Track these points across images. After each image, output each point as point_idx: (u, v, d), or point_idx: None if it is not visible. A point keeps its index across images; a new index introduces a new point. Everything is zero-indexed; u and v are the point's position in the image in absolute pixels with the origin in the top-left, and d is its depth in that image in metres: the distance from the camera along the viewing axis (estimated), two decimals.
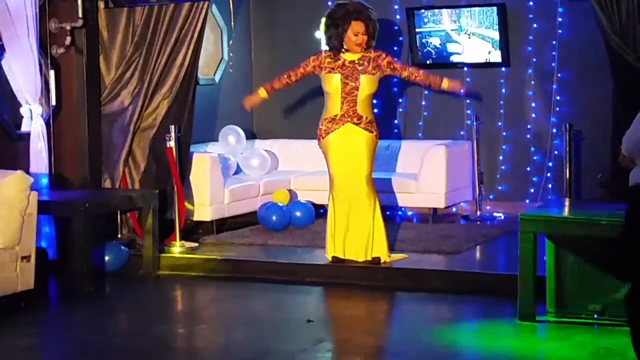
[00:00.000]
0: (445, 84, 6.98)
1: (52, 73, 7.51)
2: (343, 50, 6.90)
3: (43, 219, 7.08)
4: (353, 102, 6.85)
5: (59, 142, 7.60)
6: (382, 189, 8.63)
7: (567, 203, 6.85)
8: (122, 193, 7.60)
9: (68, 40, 7.53)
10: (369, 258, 6.87)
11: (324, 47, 7.14)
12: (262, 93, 7.21)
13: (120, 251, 7.43)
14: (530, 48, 8.95)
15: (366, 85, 6.84)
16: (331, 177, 6.94)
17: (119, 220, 7.79)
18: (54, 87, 7.53)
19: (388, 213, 9.16)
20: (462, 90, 7.42)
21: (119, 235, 7.78)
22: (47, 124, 7.46)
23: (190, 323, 6.18)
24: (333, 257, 6.98)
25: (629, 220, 4.72)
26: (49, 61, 7.48)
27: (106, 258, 7.28)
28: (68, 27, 7.51)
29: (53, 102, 7.54)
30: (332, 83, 6.89)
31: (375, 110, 8.62)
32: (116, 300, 6.89)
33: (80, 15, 7.47)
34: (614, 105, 6.92)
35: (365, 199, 6.83)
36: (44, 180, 7.34)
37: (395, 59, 7.04)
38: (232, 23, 9.14)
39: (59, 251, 7.35)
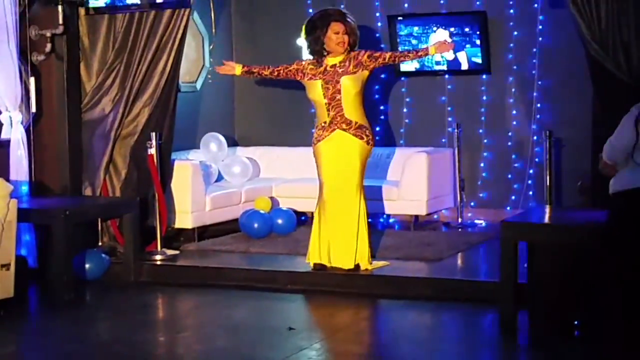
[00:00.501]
0: (432, 50, 6.83)
1: (32, 80, 7.47)
2: (325, 53, 6.90)
3: (23, 226, 7.04)
4: (339, 107, 6.84)
5: (39, 150, 7.56)
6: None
7: (547, 210, 6.87)
8: (102, 200, 7.58)
9: (48, 47, 7.51)
10: (352, 266, 6.87)
11: (306, 56, 7.12)
12: (238, 68, 7.16)
13: (101, 259, 7.39)
14: (510, 56, 8.99)
15: (348, 85, 6.82)
16: (320, 183, 6.94)
17: (99, 228, 7.75)
18: (34, 94, 7.49)
19: (370, 220, 9.20)
20: (453, 46, 7.08)
21: (100, 243, 7.75)
22: (27, 131, 7.43)
23: (171, 331, 6.15)
24: (315, 264, 6.97)
25: (610, 227, 4.75)
26: (29, 68, 7.45)
27: (87, 266, 7.25)
28: (48, 34, 7.49)
29: (33, 109, 7.51)
30: (315, 90, 6.89)
31: None
32: (97, 308, 6.85)
33: (60, 22, 7.45)
34: (594, 112, 6.95)
35: (353, 207, 6.82)
36: (24, 188, 7.31)
37: (374, 50, 6.96)
38: (214, 30, 9.13)
39: (39, 259, 7.32)
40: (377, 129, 9.42)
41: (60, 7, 7.42)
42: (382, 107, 9.45)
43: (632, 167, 4.69)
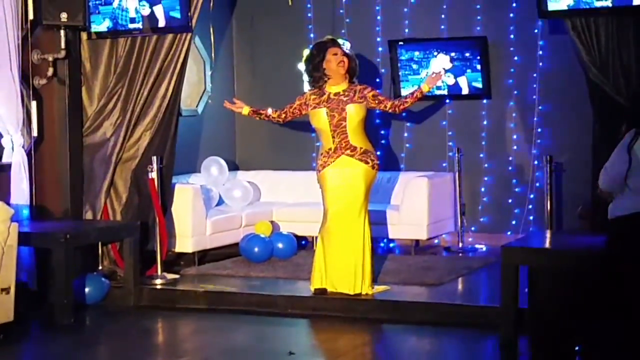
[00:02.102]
0: (425, 88, 6.86)
1: (34, 104, 7.50)
2: (326, 79, 6.94)
3: (23, 250, 7.03)
4: (344, 134, 6.88)
5: (40, 173, 7.57)
6: None
7: (548, 235, 6.87)
8: (103, 224, 7.58)
9: (50, 71, 7.54)
10: (358, 291, 6.86)
11: (306, 79, 7.17)
12: (246, 109, 7.21)
13: (101, 283, 7.38)
14: (511, 80, 9.02)
15: (354, 113, 6.86)
16: (325, 209, 6.94)
17: (100, 252, 7.75)
18: (36, 118, 7.52)
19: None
20: (441, 76, 7.08)
21: (100, 267, 7.74)
22: (29, 154, 7.44)
23: (171, 355, 6.13)
24: (316, 289, 6.96)
25: (609, 252, 4.76)
26: (31, 92, 7.47)
27: (87, 290, 7.24)
28: (50, 58, 7.52)
29: (35, 133, 7.53)
30: (319, 118, 6.92)
31: None
32: (96, 332, 6.84)
33: (63, 46, 7.49)
34: (594, 137, 6.96)
35: (358, 232, 6.82)
36: (25, 212, 7.31)
37: (380, 93, 7.05)
38: (213, 54, 9.17)
39: (39, 283, 7.30)
40: (378, 153, 9.42)
41: (62, 32, 7.46)
42: (383, 132, 9.47)
43: (627, 193, 4.70)
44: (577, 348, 5.63)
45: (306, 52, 7.14)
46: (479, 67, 8.95)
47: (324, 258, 6.92)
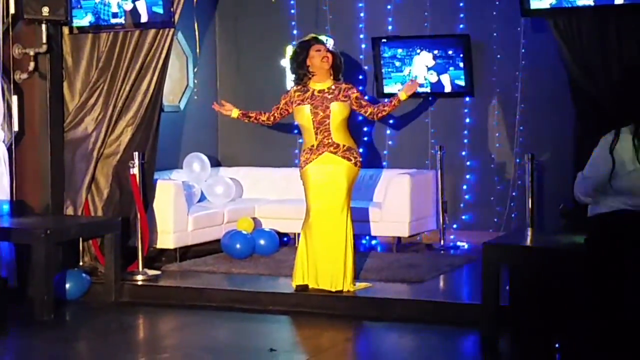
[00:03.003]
0: (403, 96, 6.93)
1: (15, 98, 7.45)
2: (310, 76, 6.94)
3: (3, 246, 6.99)
4: (327, 131, 6.88)
5: (20, 168, 7.53)
6: None
7: (529, 233, 6.89)
8: (84, 220, 7.54)
9: (32, 65, 7.49)
10: (339, 288, 6.86)
11: (289, 77, 7.18)
12: (235, 112, 7.20)
13: (82, 279, 7.35)
14: (493, 78, 9.04)
15: (337, 111, 6.87)
16: (308, 206, 6.94)
17: (80, 248, 7.71)
18: (17, 112, 7.48)
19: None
20: (418, 84, 7.17)
21: (81, 263, 7.70)
22: (9, 149, 7.40)
23: (152, 352, 6.11)
24: (297, 286, 6.95)
25: (589, 250, 4.77)
26: (11, 86, 7.43)
27: (67, 286, 7.20)
28: (32, 53, 7.47)
29: (15, 127, 7.48)
30: (303, 114, 6.92)
31: None
32: (77, 328, 6.80)
33: (44, 40, 7.44)
34: (576, 136, 6.99)
35: (341, 229, 6.83)
36: (5, 207, 7.27)
37: (363, 97, 7.05)
38: (198, 50, 9.14)
39: (19, 278, 7.26)
40: (361, 150, 9.43)
41: (44, 26, 7.41)
42: (365, 129, 9.47)
43: (610, 194, 4.70)
44: (557, 345, 5.65)
45: (290, 50, 7.14)
46: (461, 65, 8.96)
47: (306, 255, 6.92)
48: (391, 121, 9.39)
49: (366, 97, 7.23)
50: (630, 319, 4.65)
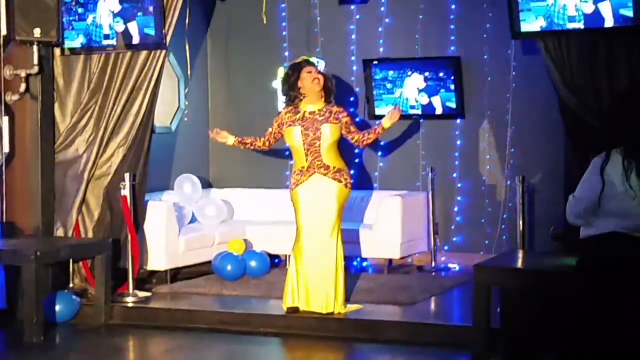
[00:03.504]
0: (386, 123, 6.94)
1: (5, 119, 7.44)
2: (301, 97, 6.95)
3: None
4: (317, 153, 6.89)
5: (11, 190, 7.51)
6: None
7: (520, 255, 6.88)
8: (74, 241, 7.52)
9: (23, 87, 7.49)
10: (330, 310, 6.84)
11: (280, 99, 7.19)
12: (231, 139, 7.20)
13: (72, 301, 7.32)
14: (484, 101, 9.07)
15: (329, 134, 6.88)
16: (298, 228, 6.93)
17: (71, 269, 7.68)
18: (8, 133, 7.46)
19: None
20: (401, 112, 7.09)
21: (71, 285, 7.67)
22: (0, 170, 7.37)
23: None
24: (288, 308, 6.93)
25: (581, 272, 4.77)
26: (2, 107, 7.42)
27: (57, 307, 7.17)
28: (23, 74, 7.47)
29: (6, 149, 7.47)
30: (293, 136, 6.92)
31: None
32: (66, 350, 6.77)
33: (35, 62, 7.44)
34: (566, 158, 7.01)
35: (331, 251, 6.82)
36: None
37: (353, 123, 7.06)
38: (189, 71, 9.16)
39: (9, 300, 7.23)
40: (352, 172, 9.44)
41: (35, 47, 7.41)
42: (356, 151, 9.48)
43: (600, 216, 4.71)
44: None
45: (281, 72, 7.16)
46: (452, 87, 8.99)
47: (297, 277, 6.91)
48: (382, 143, 9.40)
49: (357, 119, 7.24)
50: (622, 340, 4.65)
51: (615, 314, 4.65)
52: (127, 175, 7.54)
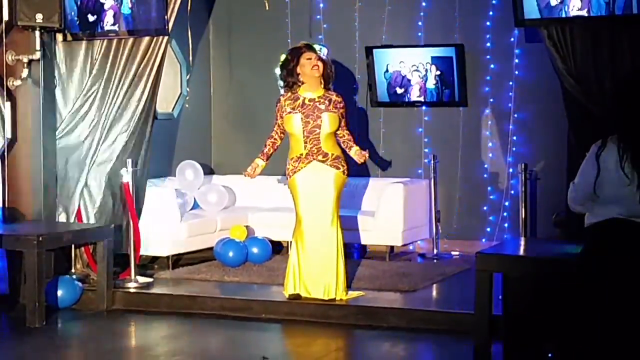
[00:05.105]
0: (353, 152, 6.98)
1: (7, 105, 7.44)
2: (299, 84, 6.92)
3: None
4: (316, 141, 6.87)
5: (13, 175, 7.51)
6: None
7: (522, 242, 6.89)
8: (76, 227, 7.52)
9: (25, 72, 7.48)
10: (332, 297, 6.85)
11: (281, 90, 7.13)
12: (260, 162, 7.13)
13: (74, 286, 7.33)
14: (487, 88, 9.06)
15: (328, 122, 6.87)
16: (298, 216, 6.92)
17: (73, 255, 7.69)
18: (10, 119, 7.46)
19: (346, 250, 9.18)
20: (366, 158, 7.10)
21: (73, 270, 7.68)
22: (2, 156, 7.39)
23: (144, 359, 6.09)
24: (290, 295, 6.94)
25: (583, 259, 4.77)
26: (4, 93, 7.42)
27: (59, 293, 7.18)
28: (25, 60, 7.47)
29: (8, 134, 7.47)
30: (294, 123, 6.90)
31: None
32: (68, 335, 6.79)
33: (38, 47, 7.44)
34: (569, 145, 7.00)
35: (332, 238, 6.82)
36: None
37: (346, 118, 7.02)
38: (191, 58, 9.14)
39: (11, 285, 7.24)
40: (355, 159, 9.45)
41: (37, 33, 7.41)
42: (358, 137, 9.46)
43: (598, 203, 4.72)
44: (549, 355, 5.65)
45: (283, 57, 7.12)
46: (455, 74, 8.96)
47: (298, 264, 6.91)
48: (384, 130, 9.39)
49: (358, 107, 7.20)
50: (623, 329, 4.65)
51: (617, 302, 4.66)
52: (129, 162, 7.54)
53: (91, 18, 7.61)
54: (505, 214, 8.96)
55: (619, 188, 4.62)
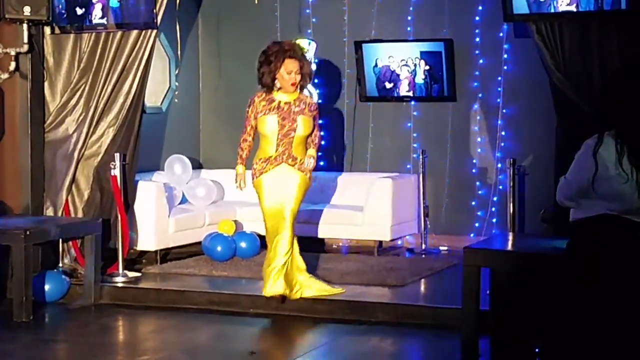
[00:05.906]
0: (306, 154, 6.86)
1: None
2: (276, 88, 6.86)
3: None
4: (289, 144, 6.81)
5: (0, 169, 7.47)
6: (328, 221, 8.67)
7: (510, 237, 6.90)
8: (64, 221, 7.49)
9: (13, 65, 7.45)
10: (287, 292, 6.76)
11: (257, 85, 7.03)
12: (241, 169, 7.04)
13: (61, 280, 7.31)
14: (476, 83, 9.06)
15: (303, 126, 6.79)
16: (263, 215, 6.90)
17: (60, 249, 7.67)
18: None
19: (334, 245, 9.19)
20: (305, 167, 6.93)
21: (60, 264, 7.66)
22: None
23: (132, 354, 6.08)
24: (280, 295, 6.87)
25: (570, 254, 4.78)
26: None
27: (46, 287, 7.16)
28: (13, 53, 7.44)
29: None
30: (267, 125, 6.79)
31: (323, 142, 8.67)
32: (55, 330, 6.77)
33: (25, 40, 7.41)
34: (557, 141, 7.01)
35: (291, 235, 6.76)
36: None
37: (316, 121, 6.95)
38: (180, 52, 9.12)
39: None
40: (344, 154, 9.45)
41: (25, 26, 7.38)
42: (347, 132, 9.47)
43: (593, 198, 4.71)
44: (537, 349, 5.66)
45: (263, 52, 6.92)
46: (444, 69, 8.96)
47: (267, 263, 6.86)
48: (372, 125, 9.39)
49: (347, 102, 7.13)
50: (610, 323, 4.66)
51: (604, 296, 4.67)
52: (117, 155, 7.52)
53: (79, 11, 7.57)
54: (493, 209, 8.97)
55: (616, 185, 4.61)
